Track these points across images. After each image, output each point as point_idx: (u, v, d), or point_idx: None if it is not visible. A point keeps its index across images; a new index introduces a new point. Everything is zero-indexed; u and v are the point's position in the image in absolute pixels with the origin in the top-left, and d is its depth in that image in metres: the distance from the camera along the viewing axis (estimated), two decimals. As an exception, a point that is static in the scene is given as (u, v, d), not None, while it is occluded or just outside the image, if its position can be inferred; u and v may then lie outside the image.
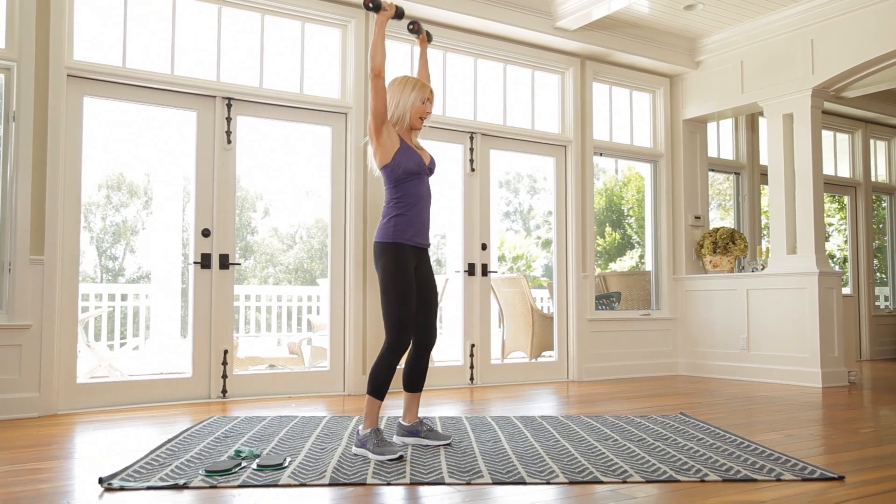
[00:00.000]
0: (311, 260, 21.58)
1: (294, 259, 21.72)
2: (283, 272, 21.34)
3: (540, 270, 22.25)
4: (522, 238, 23.91)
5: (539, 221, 24.02)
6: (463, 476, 2.92)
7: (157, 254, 8.17)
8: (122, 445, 3.66)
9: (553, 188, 6.96)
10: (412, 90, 3.56)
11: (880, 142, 9.94)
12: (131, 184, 19.30)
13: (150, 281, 8.70)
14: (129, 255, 20.04)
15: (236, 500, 2.63)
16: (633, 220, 20.25)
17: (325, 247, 20.85)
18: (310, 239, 21.99)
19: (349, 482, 2.84)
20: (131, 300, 8.46)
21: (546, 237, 22.37)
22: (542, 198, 24.43)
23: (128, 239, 20.18)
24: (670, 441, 3.68)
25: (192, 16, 5.38)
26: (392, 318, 3.38)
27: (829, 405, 5.18)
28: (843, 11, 6.22)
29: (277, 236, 21.71)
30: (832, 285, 6.40)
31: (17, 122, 4.61)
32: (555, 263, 6.95)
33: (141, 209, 19.58)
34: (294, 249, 21.91)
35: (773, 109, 6.83)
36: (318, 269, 20.81)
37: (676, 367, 7.43)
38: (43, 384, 4.61)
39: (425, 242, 3.59)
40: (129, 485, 2.77)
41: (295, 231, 21.91)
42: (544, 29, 6.46)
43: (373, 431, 3.31)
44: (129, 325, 8.42)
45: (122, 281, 19.15)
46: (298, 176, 19.00)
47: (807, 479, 2.89)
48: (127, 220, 20.09)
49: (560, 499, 2.65)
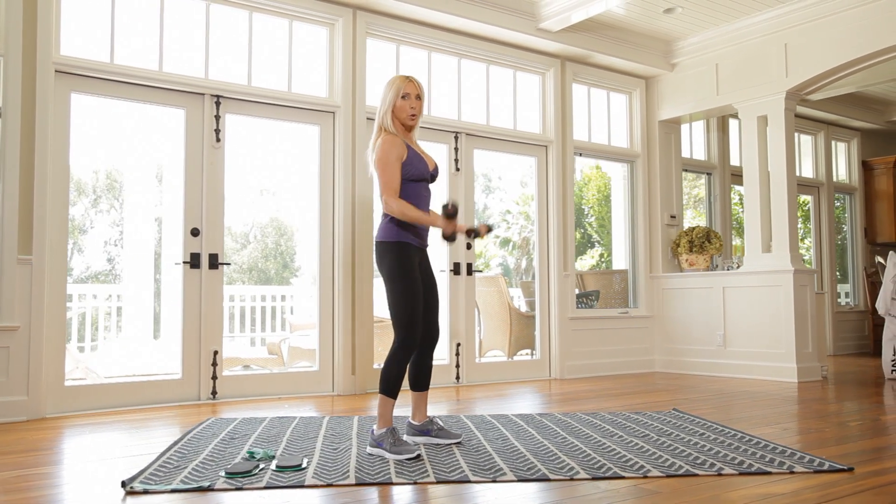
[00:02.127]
0: (266, 259, 21.37)
1: (248, 258, 21.47)
2: (236, 272, 21.08)
3: (497, 269, 22.36)
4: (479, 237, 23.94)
5: (497, 220, 24.14)
6: (486, 474, 2.95)
7: (127, 253, 8.01)
8: (124, 448, 3.60)
9: (535, 188, 7.03)
10: (390, 88, 3.56)
11: (840, 143, 10.25)
12: (79, 181, 18.82)
13: (120, 280, 8.53)
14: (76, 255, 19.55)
15: (265, 501, 2.61)
16: (593, 220, 20.51)
17: (279, 246, 20.64)
18: (264, 238, 21.77)
19: (375, 482, 2.85)
20: (102, 300, 8.29)
21: (504, 236, 22.49)
22: (497, 196, 24.57)
23: (76, 237, 19.69)
24: (673, 436, 3.76)
25: (180, 12, 5.29)
26: (402, 317, 3.39)
27: (810, 399, 5.34)
28: (817, 16, 6.40)
29: (231, 235, 21.44)
30: (806, 283, 6.59)
31: (3, 117, 4.49)
32: (536, 263, 7.02)
33: (89, 207, 19.09)
34: (248, 248, 21.67)
35: (747, 111, 7.00)
36: (273, 268, 20.60)
37: (653, 363, 7.57)
38: (31, 387, 4.50)
39: (427, 242, 3.62)
40: (152, 488, 2.74)
41: (249, 230, 21.66)
42: (527, 30, 6.52)
43: (388, 431, 3.31)
44: (100, 325, 8.25)
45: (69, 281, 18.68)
46: (252, 175, 18.74)
47: (818, 472, 2.99)
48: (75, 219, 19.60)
49: (587, 494, 2.70)
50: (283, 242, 20.68)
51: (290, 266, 20.86)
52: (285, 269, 20.40)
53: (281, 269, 20.50)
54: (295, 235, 20.45)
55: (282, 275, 19.92)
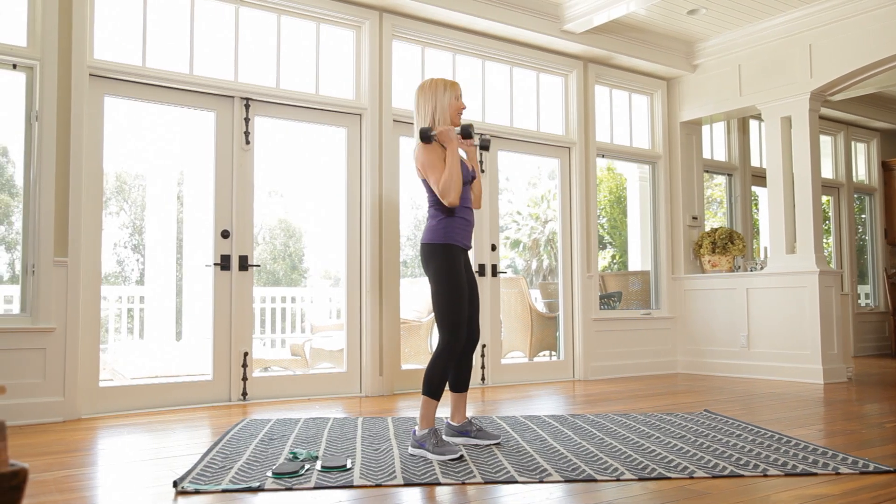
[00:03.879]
0: (275, 261, 21.43)
1: (257, 260, 21.55)
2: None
3: (508, 271, 22.35)
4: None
5: (507, 221, 24.18)
6: (532, 475, 2.96)
7: (151, 256, 8.06)
8: (165, 449, 3.63)
9: (558, 190, 7.04)
10: (444, 91, 3.62)
11: (860, 144, 10.22)
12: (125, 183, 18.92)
13: (144, 283, 8.58)
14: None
15: (318, 501, 2.63)
16: (605, 221, 20.48)
17: (287, 248, 20.65)
18: (273, 240, 21.83)
19: (422, 482, 2.86)
20: (125, 303, 8.34)
21: (515, 237, 22.48)
22: (505, 198, 24.59)
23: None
24: (711, 437, 3.76)
25: (210, 15, 5.33)
26: (448, 319, 3.41)
27: (839, 400, 5.33)
28: (841, 17, 6.39)
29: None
30: (831, 284, 6.58)
31: (39, 122, 4.53)
32: (560, 264, 7.03)
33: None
34: (256, 250, 21.75)
35: (771, 112, 6.99)
36: (282, 269, 20.65)
37: (676, 365, 7.57)
38: (67, 388, 4.53)
39: (470, 244, 3.63)
40: (203, 488, 2.76)
41: (258, 231, 21.73)
42: (551, 32, 6.53)
43: (431, 432, 3.33)
44: (123, 327, 8.30)
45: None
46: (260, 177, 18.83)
47: (864, 473, 2.99)
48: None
49: (636, 495, 2.70)
50: (292, 244, 20.71)
51: (298, 268, 20.90)
52: (294, 271, 20.44)
53: (289, 271, 20.57)
54: (304, 237, 20.50)
55: (290, 276, 19.99)
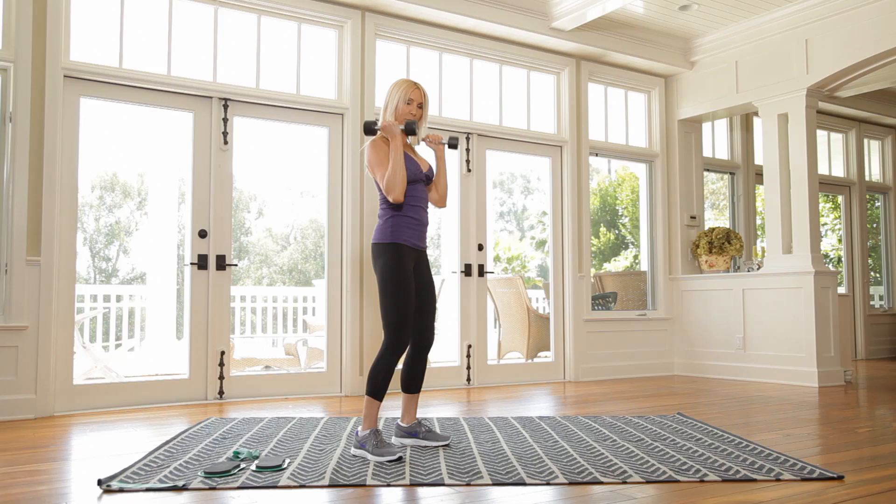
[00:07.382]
0: (306, 261, 21.59)
1: (289, 260, 21.72)
2: (277, 273, 21.35)
3: (535, 271, 22.25)
4: (517, 239, 23.94)
5: (533, 222, 24.05)
6: (462, 477, 2.92)
7: (151, 255, 8.14)
8: (119, 447, 3.65)
9: (549, 189, 6.97)
10: (396, 91, 3.56)
11: (874, 141, 9.97)
12: (125, 184, 19.25)
13: (145, 282, 8.67)
14: (122, 257, 20.00)
15: (235, 501, 2.62)
16: (627, 221, 20.29)
17: (318, 247, 20.81)
18: (304, 240, 21.99)
19: (349, 483, 2.84)
20: (126, 301, 8.44)
21: (541, 237, 22.35)
22: (536, 198, 24.47)
23: (121, 240, 20.13)
24: (668, 441, 3.69)
25: (189, 16, 5.36)
26: (391, 319, 3.38)
27: (825, 405, 5.19)
28: (837, 11, 6.24)
29: (272, 237, 21.72)
30: (828, 284, 6.42)
31: (13, 122, 4.59)
32: (551, 264, 6.95)
33: (135, 210, 19.53)
34: (288, 250, 21.91)
35: (767, 109, 6.84)
36: (313, 269, 20.83)
37: (672, 367, 7.44)
38: (39, 386, 4.59)
39: (423, 244, 3.59)
40: (128, 486, 2.76)
41: (289, 232, 21.90)
42: (540, 29, 6.47)
43: (372, 433, 3.30)
44: (124, 326, 8.40)
45: (115, 282, 19.10)
46: (292, 177, 19.01)
47: (806, 479, 2.90)
48: (120, 221, 20.03)
49: (559, 500, 2.65)
50: (323, 244, 20.99)
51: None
52: (323, 271, 20.70)
53: (320, 271, 20.73)
54: (326, 236, 20.71)
55: (321, 275, 20.26)
